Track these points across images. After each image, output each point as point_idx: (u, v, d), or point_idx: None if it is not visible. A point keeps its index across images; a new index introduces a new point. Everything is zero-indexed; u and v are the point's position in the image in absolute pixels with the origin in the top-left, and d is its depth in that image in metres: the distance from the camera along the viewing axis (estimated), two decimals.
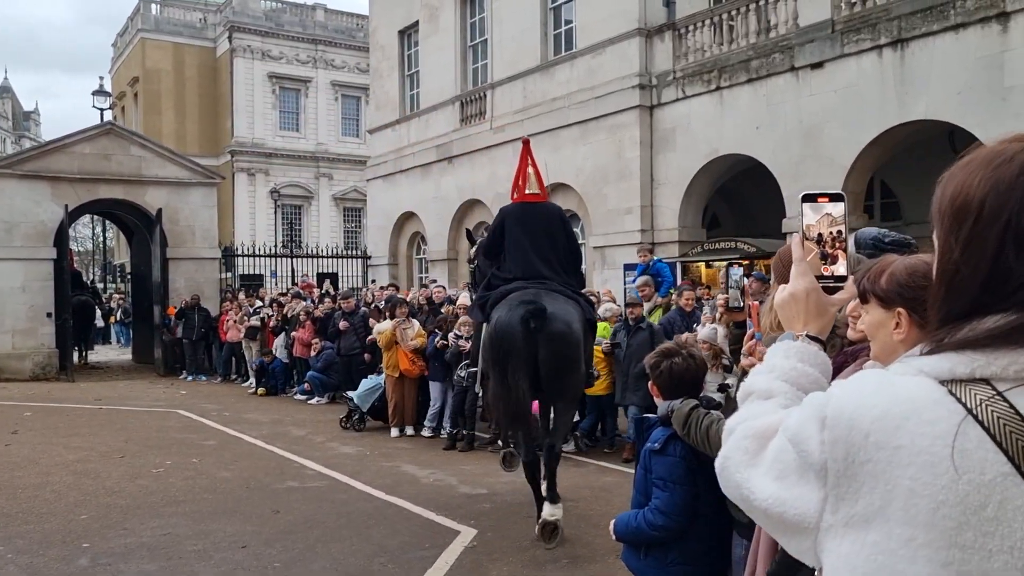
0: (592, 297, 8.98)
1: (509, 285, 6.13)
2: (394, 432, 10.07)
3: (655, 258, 11.09)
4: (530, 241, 6.28)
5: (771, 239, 13.07)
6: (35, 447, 9.17)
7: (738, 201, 16.73)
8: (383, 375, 10.32)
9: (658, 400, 2.99)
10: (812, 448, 1.05)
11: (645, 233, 14.54)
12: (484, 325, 6.16)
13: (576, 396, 6.78)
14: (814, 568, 1.92)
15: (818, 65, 11.84)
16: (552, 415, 6.42)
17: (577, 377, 6.11)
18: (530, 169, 6.59)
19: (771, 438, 1.16)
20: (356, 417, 10.48)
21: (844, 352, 2.17)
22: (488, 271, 6.70)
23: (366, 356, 11.87)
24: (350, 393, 10.74)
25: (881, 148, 11.62)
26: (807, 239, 1.55)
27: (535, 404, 6.35)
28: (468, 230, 10.13)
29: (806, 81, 12.06)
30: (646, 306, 9.12)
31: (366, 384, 10.59)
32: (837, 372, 2.10)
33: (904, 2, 10.88)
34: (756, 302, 3.32)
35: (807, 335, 1.42)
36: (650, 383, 3.00)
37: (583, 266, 10.86)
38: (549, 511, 5.66)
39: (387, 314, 10.74)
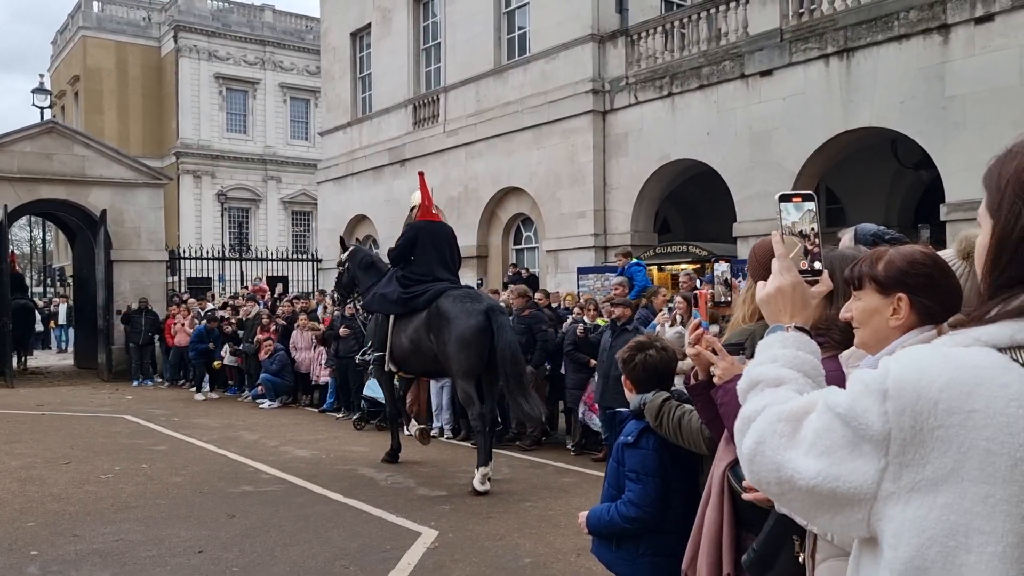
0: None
1: (436, 285, 7.79)
2: (412, 429, 9.95)
3: (632, 261, 11.27)
4: (437, 251, 8.09)
5: (721, 243, 13.33)
6: None
7: (689, 206, 17.03)
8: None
9: (630, 394, 3.03)
10: (871, 420, 1.10)
11: (598, 237, 14.69)
12: (395, 316, 7.93)
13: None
14: (794, 550, 1.97)
15: (767, 73, 12.14)
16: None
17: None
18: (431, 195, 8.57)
19: (803, 420, 1.21)
20: (378, 418, 10.53)
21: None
22: (362, 275, 8.71)
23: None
24: (369, 393, 10.62)
25: (827, 155, 11.96)
26: (790, 235, 1.61)
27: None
28: (341, 237, 11.21)
29: (756, 88, 12.34)
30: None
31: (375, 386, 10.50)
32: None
33: (850, 12, 11.23)
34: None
35: (795, 326, 1.48)
36: (623, 377, 3.05)
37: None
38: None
39: None
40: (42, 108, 18.92)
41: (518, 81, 16.46)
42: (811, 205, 1.65)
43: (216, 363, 14.54)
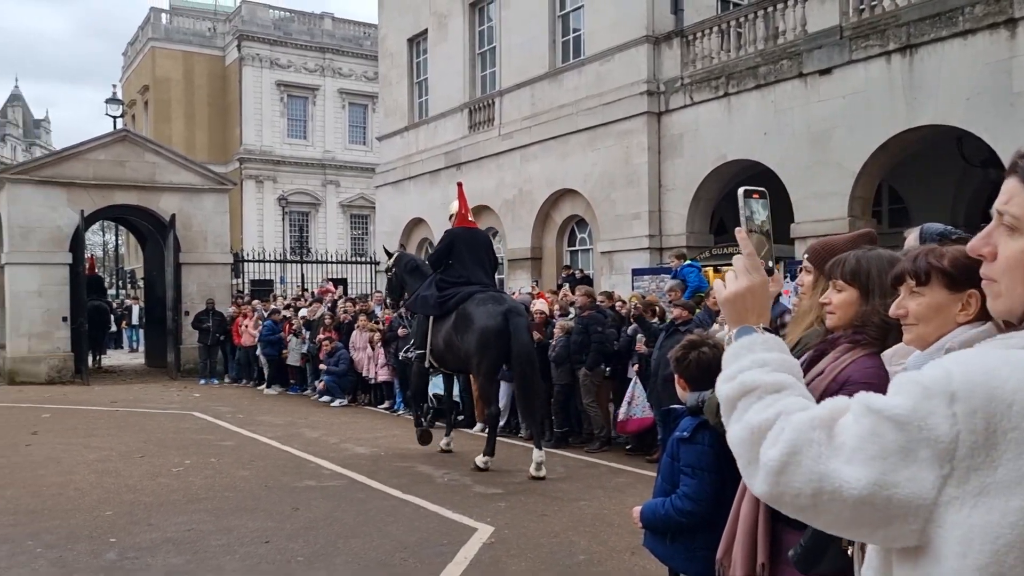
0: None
1: (466, 288, 8.31)
2: (478, 426, 10.46)
3: (684, 263, 11.27)
4: (473, 256, 8.61)
5: (777, 244, 13.17)
6: (55, 447, 9.30)
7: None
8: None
9: (684, 392, 3.09)
10: (937, 423, 1.06)
11: (653, 238, 14.66)
12: (433, 317, 8.48)
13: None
14: (842, 544, 1.99)
15: (826, 71, 11.97)
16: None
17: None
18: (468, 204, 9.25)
19: (833, 426, 1.16)
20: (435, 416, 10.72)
21: (825, 340, 2.21)
22: (408, 279, 9.28)
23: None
24: (436, 391, 10.89)
25: (889, 153, 11.73)
26: (757, 233, 1.62)
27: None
28: (384, 247, 12.27)
29: (814, 87, 12.18)
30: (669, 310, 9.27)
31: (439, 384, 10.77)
32: (819, 358, 2.18)
33: (913, 8, 11.01)
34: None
35: (763, 327, 1.47)
36: (676, 376, 3.11)
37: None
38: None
39: None
40: (115, 117, 19.70)
41: (573, 84, 16.53)
42: (766, 203, 1.67)
43: (283, 352, 15.02)
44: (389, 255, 10.07)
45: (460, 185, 9.62)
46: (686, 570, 3.05)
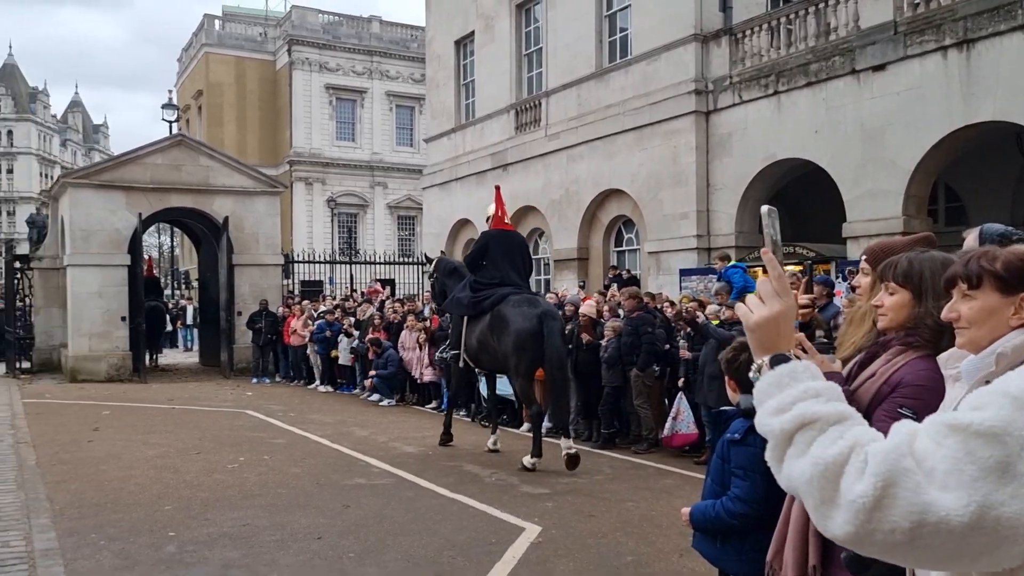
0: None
1: (500, 290, 8.50)
2: (526, 426, 10.39)
3: (728, 264, 11.19)
4: (507, 258, 8.77)
5: (829, 243, 12.97)
6: (116, 443, 9.61)
7: (796, 206, 16.59)
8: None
9: (734, 394, 3.09)
10: None
11: (701, 238, 14.54)
12: (468, 317, 8.74)
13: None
14: None
15: (880, 67, 11.74)
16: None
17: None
18: (505, 207, 9.52)
19: (911, 455, 1.11)
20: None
21: (877, 342, 2.19)
22: (448, 281, 9.52)
23: None
24: (500, 392, 11.04)
25: (945, 151, 11.46)
26: (779, 252, 1.58)
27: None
28: (424, 254, 12.94)
29: (867, 84, 11.96)
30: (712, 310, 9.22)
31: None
32: (872, 360, 2.16)
33: (970, 2, 10.74)
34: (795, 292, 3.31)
35: (793, 354, 1.42)
36: (726, 378, 3.11)
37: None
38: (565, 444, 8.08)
39: None
40: (170, 122, 20.23)
41: (619, 83, 16.47)
42: (777, 218, 1.63)
43: (333, 352, 15.26)
44: (429, 261, 10.47)
45: (498, 188, 9.96)
46: (736, 572, 3.05)
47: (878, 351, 2.14)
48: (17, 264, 19.29)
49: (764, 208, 1.59)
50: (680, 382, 9.00)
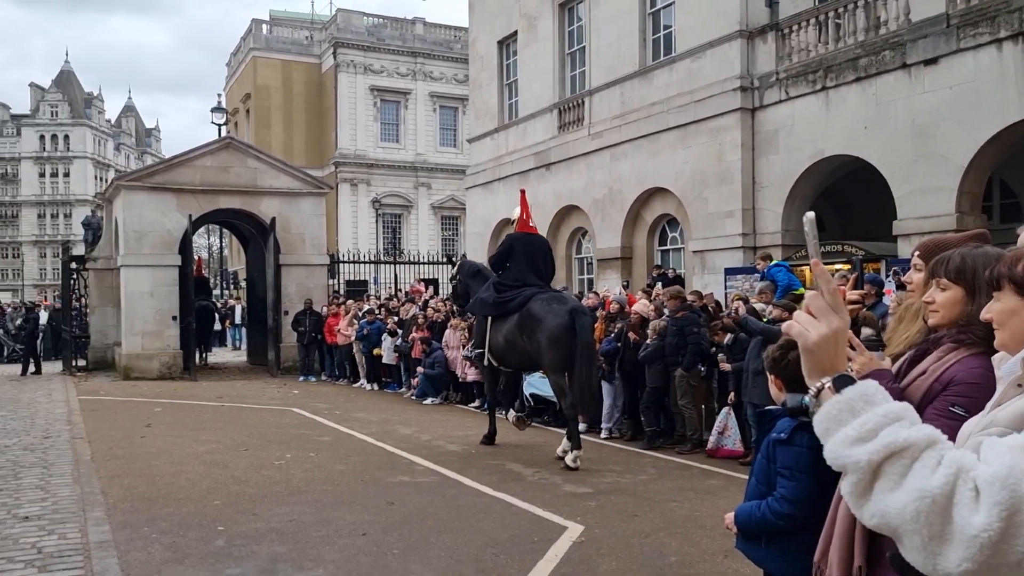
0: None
1: (526, 290, 8.73)
2: (510, 416, 10.46)
3: (771, 263, 11.04)
4: (531, 260, 9.05)
5: (879, 241, 12.71)
6: (167, 439, 9.84)
7: (844, 203, 16.29)
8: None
9: (778, 394, 3.04)
10: None
11: (747, 237, 14.36)
12: (492, 317, 8.96)
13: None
14: None
15: (932, 61, 11.46)
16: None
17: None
18: (530, 210, 9.86)
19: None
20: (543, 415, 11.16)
21: (928, 339, 2.15)
22: (471, 282, 9.75)
23: None
24: (532, 390, 11.16)
25: (1000, 146, 11.15)
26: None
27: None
28: (450, 255, 13.30)
29: (919, 78, 11.68)
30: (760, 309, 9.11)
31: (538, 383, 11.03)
32: (922, 357, 2.11)
33: None
34: (844, 289, 3.25)
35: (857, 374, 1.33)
36: (772, 377, 3.06)
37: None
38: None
39: None
40: (219, 125, 20.57)
41: (663, 81, 16.35)
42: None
43: (376, 350, 15.41)
44: (453, 264, 10.72)
45: (523, 192, 10.29)
46: (782, 573, 3.00)
47: (929, 348, 2.10)
48: (73, 265, 19.88)
49: (810, 215, 1.48)
50: (730, 397, 8.88)
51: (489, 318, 9.05)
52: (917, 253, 2.42)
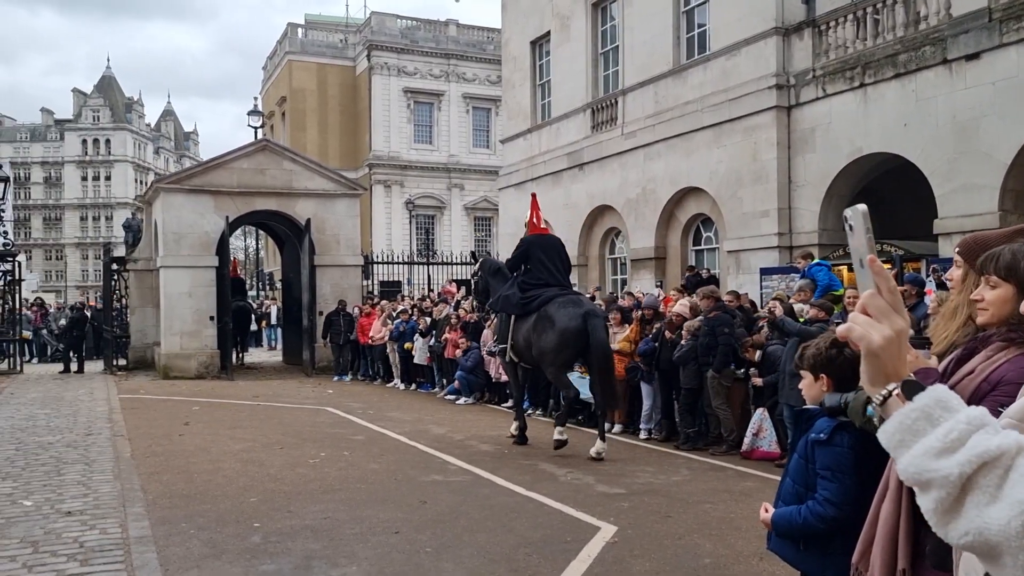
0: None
1: (547, 291, 9.15)
2: (617, 427, 10.67)
3: (812, 262, 10.89)
4: (549, 260, 9.45)
5: (919, 240, 12.47)
6: (205, 437, 9.98)
7: (883, 202, 16.00)
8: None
9: (816, 392, 2.99)
10: None
11: (782, 236, 14.19)
12: (515, 316, 9.36)
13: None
14: None
15: (974, 56, 11.23)
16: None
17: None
18: (540, 213, 10.26)
19: None
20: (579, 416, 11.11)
21: (976, 338, 2.09)
22: (492, 280, 10.08)
23: None
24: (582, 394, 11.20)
25: None
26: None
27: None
28: (473, 252, 13.55)
29: (960, 74, 11.45)
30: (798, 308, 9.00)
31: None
32: (970, 356, 2.06)
33: None
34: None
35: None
36: (821, 375, 2.98)
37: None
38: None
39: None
40: (256, 128, 20.89)
41: (697, 80, 16.22)
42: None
43: (407, 344, 15.47)
44: (475, 260, 10.95)
45: (534, 196, 10.81)
46: (819, 574, 2.95)
47: (977, 347, 2.05)
48: (114, 266, 20.26)
49: (861, 208, 1.34)
50: (766, 407, 8.76)
51: (513, 316, 9.43)
52: (957, 250, 2.37)
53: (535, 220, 10.11)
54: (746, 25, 14.90)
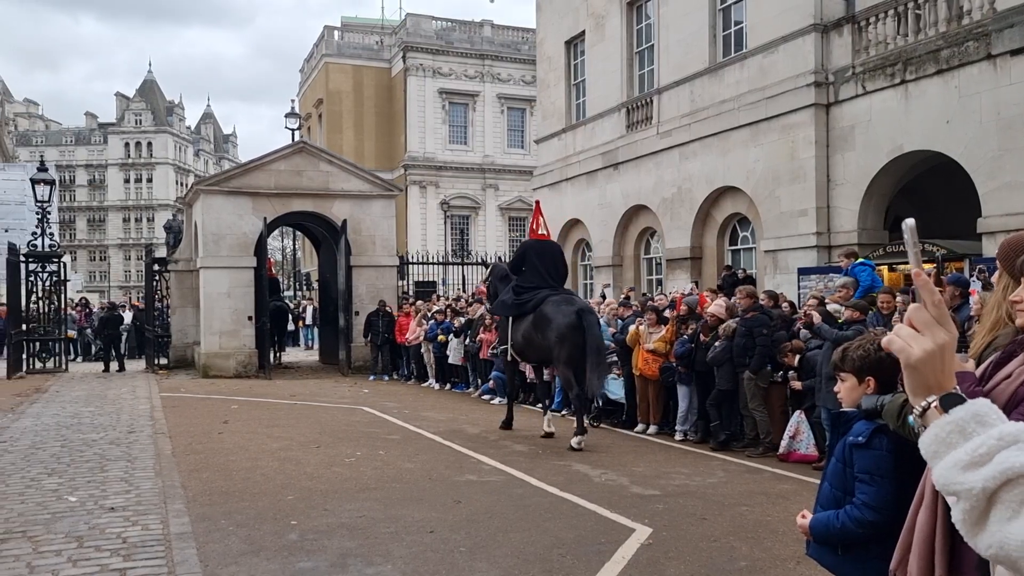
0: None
1: (540, 292, 9.74)
2: (639, 427, 10.75)
3: (855, 261, 10.73)
4: (543, 264, 10.07)
5: (962, 240, 12.22)
6: (243, 436, 10.13)
7: (924, 200, 15.72)
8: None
9: (859, 394, 2.94)
10: None
11: (821, 236, 14.00)
12: (512, 317, 10.06)
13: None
14: None
15: (1019, 51, 10.98)
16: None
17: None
18: (542, 219, 10.94)
19: None
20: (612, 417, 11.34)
21: (1015, 341, 2.05)
22: (500, 285, 10.62)
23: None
24: (613, 395, 11.27)
25: None
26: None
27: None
28: (485, 260, 13.97)
29: (1005, 69, 11.20)
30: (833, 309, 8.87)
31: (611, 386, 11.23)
32: (1008, 359, 2.01)
33: None
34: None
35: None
36: (868, 376, 2.93)
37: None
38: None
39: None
40: (293, 130, 21.08)
41: (734, 78, 16.06)
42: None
43: (441, 336, 15.53)
44: (487, 267, 11.61)
45: (537, 203, 11.55)
46: None
47: (1016, 350, 2.00)
48: (156, 267, 20.65)
49: (910, 222, 1.40)
50: (803, 410, 8.66)
51: (510, 318, 10.10)
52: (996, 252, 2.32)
53: (535, 227, 10.85)
54: (784, 22, 14.73)
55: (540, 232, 10.82)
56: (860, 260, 11.05)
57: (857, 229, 13.53)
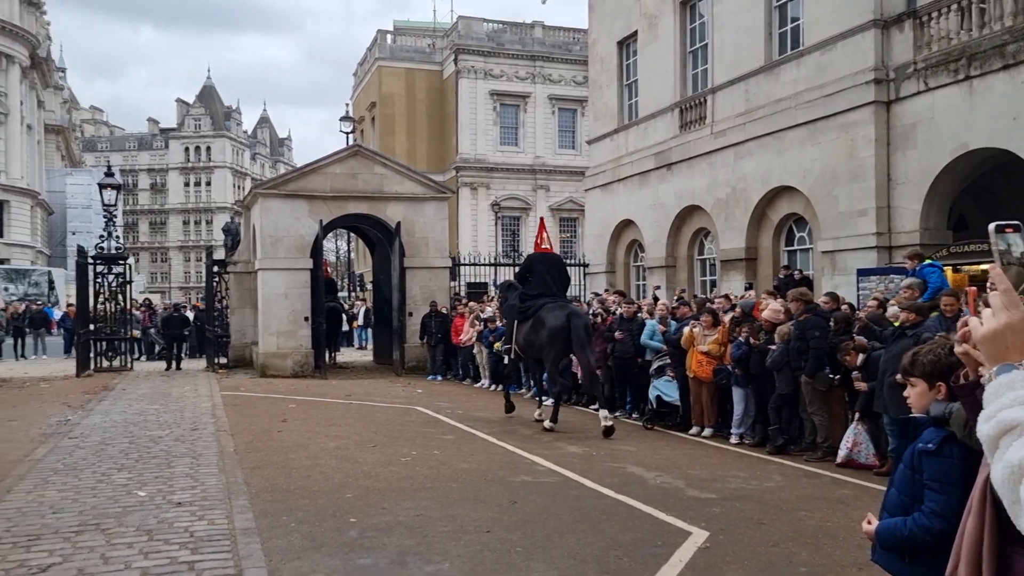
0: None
1: (541, 299, 11.30)
2: (694, 429, 10.70)
3: (924, 262, 10.48)
4: (547, 275, 11.69)
5: None
6: (302, 434, 10.34)
7: (991, 199, 15.24)
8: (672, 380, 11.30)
9: (929, 400, 2.89)
10: None
11: (881, 236, 13.69)
12: (518, 320, 11.60)
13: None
14: None
15: None
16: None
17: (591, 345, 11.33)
18: (546, 234, 12.94)
19: None
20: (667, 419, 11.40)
21: None
22: (508, 294, 12.44)
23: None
24: (657, 393, 11.31)
25: None
26: (1008, 265, 1.59)
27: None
28: (504, 280, 15.36)
29: None
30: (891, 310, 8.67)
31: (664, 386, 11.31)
32: None
33: None
34: (975, 289, 3.05)
35: None
36: (939, 382, 2.88)
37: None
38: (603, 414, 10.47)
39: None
40: (347, 133, 21.39)
41: (790, 76, 15.81)
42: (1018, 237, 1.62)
43: (496, 344, 15.60)
44: (497, 287, 14.87)
45: (542, 220, 14.06)
46: None
47: None
48: (215, 268, 21.17)
49: (992, 226, 1.60)
50: (863, 419, 8.48)
51: (516, 321, 11.56)
52: None
53: (538, 241, 12.49)
54: (842, 18, 14.45)
55: (544, 246, 12.51)
56: (929, 261, 10.77)
57: (919, 229, 13.19)
